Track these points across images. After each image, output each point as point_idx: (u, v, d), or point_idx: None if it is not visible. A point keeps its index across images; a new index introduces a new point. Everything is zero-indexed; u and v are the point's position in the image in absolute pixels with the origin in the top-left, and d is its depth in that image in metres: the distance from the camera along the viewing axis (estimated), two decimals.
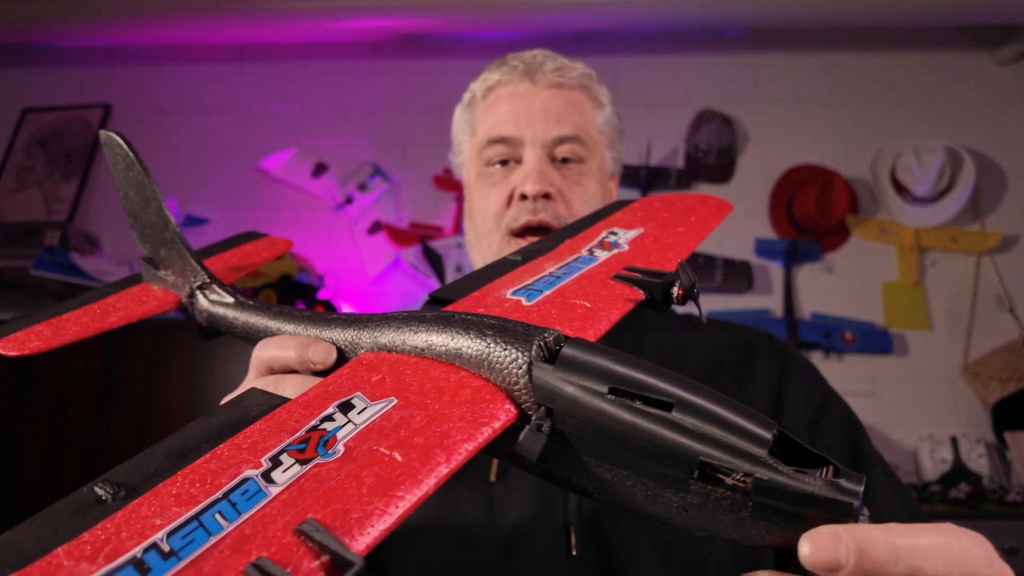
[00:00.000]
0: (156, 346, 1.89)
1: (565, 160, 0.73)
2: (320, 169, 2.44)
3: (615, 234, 0.55)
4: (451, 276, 2.29)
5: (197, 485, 0.30)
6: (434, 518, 0.62)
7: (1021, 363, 2.12)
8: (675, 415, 0.30)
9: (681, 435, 0.30)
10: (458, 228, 2.37)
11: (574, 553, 0.58)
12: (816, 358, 2.23)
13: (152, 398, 1.83)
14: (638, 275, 0.46)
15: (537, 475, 0.36)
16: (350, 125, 2.52)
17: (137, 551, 0.26)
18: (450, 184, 2.43)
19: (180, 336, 1.93)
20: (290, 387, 0.41)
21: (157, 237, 0.57)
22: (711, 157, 2.40)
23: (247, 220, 2.41)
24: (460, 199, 2.41)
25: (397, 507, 0.28)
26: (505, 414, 0.34)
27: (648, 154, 2.41)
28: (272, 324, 0.50)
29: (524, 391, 0.34)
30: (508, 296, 0.45)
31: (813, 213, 2.30)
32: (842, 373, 2.21)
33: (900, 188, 2.33)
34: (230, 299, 0.55)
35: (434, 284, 2.30)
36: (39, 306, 2.12)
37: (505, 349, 0.35)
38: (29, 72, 2.67)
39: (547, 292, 0.45)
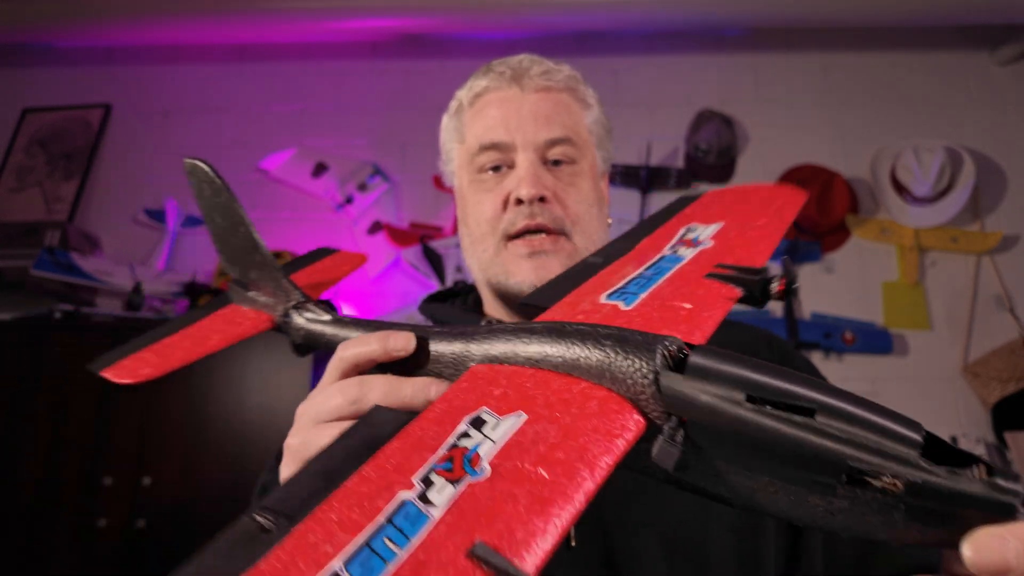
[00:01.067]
0: None
1: (557, 162, 0.73)
2: (320, 169, 2.44)
3: (694, 230, 0.54)
4: (451, 276, 2.29)
5: (356, 509, 0.29)
6: None
7: (1021, 363, 2.13)
8: (820, 420, 0.30)
9: (828, 440, 0.29)
10: (458, 229, 2.37)
11: (573, 544, 0.59)
12: (816, 358, 2.23)
13: (152, 398, 1.83)
14: (733, 272, 0.45)
15: (665, 482, 0.36)
16: (350, 125, 2.52)
17: None
18: None
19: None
20: (377, 386, 0.42)
21: (247, 259, 0.58)
22: (711, 157, 2.40)
23: None
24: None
25: (555, 525, 0.28)
26: (636, 425, 0.33)
27: (648, 154, 2.41)
28: None
29: (651, 400, 0.34)
30: (603, 301, 0.44)
31: (813, 213, 2.31)
32: (842, 373, 2.21)
33: (900, 188, 2.33)
34: (327, 316, 0.55)
35: (434, 284, 2.30)
36: (39, 306, 2.10)
37: (627, 359, 0.34)
38: (29, 72, 2.67)
39: (643, 295, 0.44)
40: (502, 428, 0.33)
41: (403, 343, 0.44)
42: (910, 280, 2.31)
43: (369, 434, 0.35)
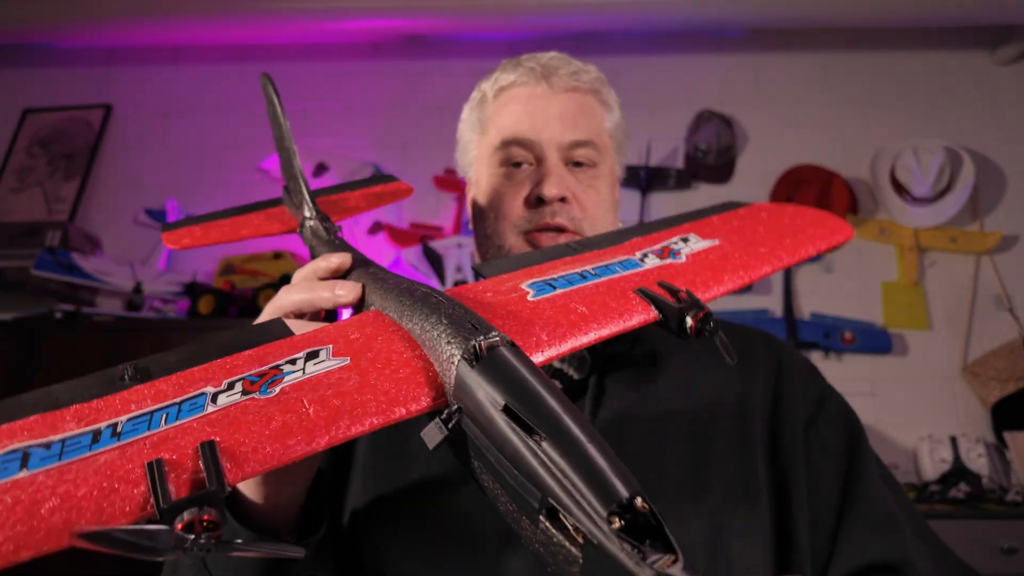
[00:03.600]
0: (156, 346, 1.89)
1: (578, 164, 0.73)
2: (321, 169, 2.44)
3: (686, 241, 0.54)
4: (451, 276, 2.29)
5: (176, 387, 0.36)
6: (429, 505, 0.63)
7: (1021, 363, 2.13)
8: (544, 447, 0.30)
9: (539, 466, 0.30)
10: (458, 228, 2.37)
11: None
12: (816, 358, 2.23)
13: None
14: (663, 293, 0.45)
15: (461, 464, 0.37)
16: (350, 125, 2.52)
17: (103, 425, 0.33)
18: (450, 184, 2.44)
19: (180, 336, 1.94)
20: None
21: (289, 169, 0.69)
22: (711, 157, 2.41)
23: None
24: (460, 198, 2.41)
25: (284, 454, 0.32)
26: (424, 401, 0.35)
27: (648, 154, 2.41)
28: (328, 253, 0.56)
29: (451, 385, 0.36)
30: (522, 287, 0.46)
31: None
32: (841, 373, 2.21)
33: (899, 188, 2.33)
34: (324, 236, 0.63)
35: (434, 284, 2.30)
36: (40, 306, 2.10)
37: (449, 341, 0.36)
38: (30, 72, 2.67)
39: (559, 291, 0.45)
40: (322, 366, 0.37)
41: (353, 297, 0.49)
42: (909, 280, 2.31)
43: (249, 338, 0.41)
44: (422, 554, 0.61)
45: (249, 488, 0.50)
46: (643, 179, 2.39)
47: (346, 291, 0.49)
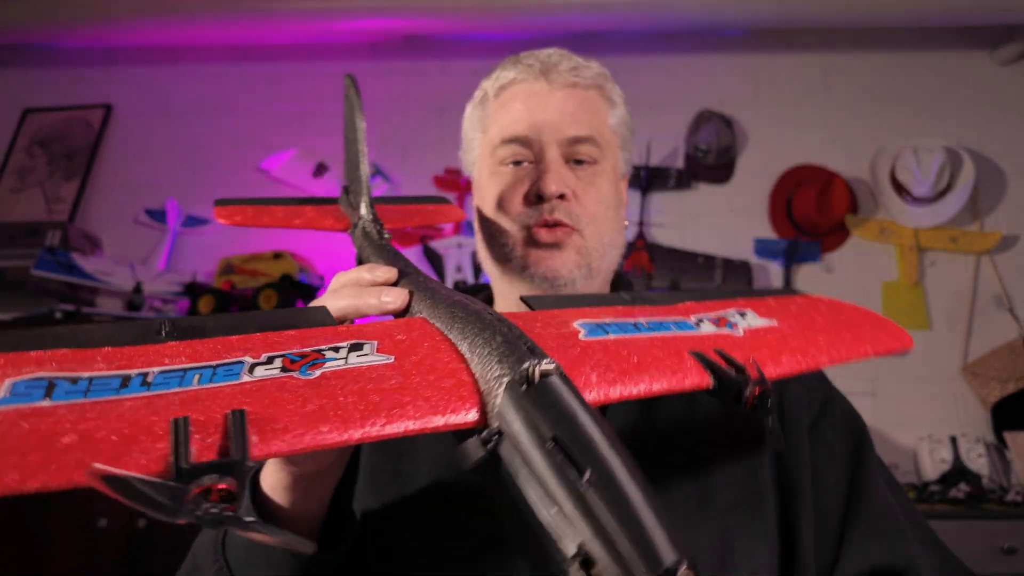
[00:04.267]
0: None
1: (579, 161, 0.73)
2: (321, 169, 2.44)
3: (743, 316, 0.51)
4: (451, 276, 2.29)
5: (213, 351, 0.35)
6: (436, 507, 0.63)
7: (1021, 363, 2.13)
8: (589, 490, 0.28)
9: (581, 512, 0.27)
10: (458, 228, 2.37)
11: None
12: None
13: None
14: (720, 362, 0.42)
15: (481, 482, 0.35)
16: None
17: (133, 372, 0.32)
18: (450, 184, 2.44)
19: None
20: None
21: (352, 171, 0.69)
22: (711, 157, 2.41)
23: None
24: (460, 198, 2.41)
25: (312, 439, 0.30)
26: (465, 415, 0.34)
27: (648, 154, 2.41)
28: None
29: (495, 405, 0.34)
30: (574, 325, 0.43)
31: (813, 213, 2.31)
32: (842, 373, 2.18)
33: (899, 188, 2.33)
34: (376, 239, 0.62)
35: None
36: (40, 306, 2.10)
37: (501, 360, 0.34)
38: (30, 72, 2.67)
39: (612, 336, 0.43)
40: (365, 359, 0.36)
41: (400, 303, 0.48)
42: (910, 280, 2.31)
43: (291, 320, 0.41)
44: (427, 557, 0.61)
45: (277, 493, 0.50)
46: (643, 179, 2.39)
47: (393, 297, 0.47)
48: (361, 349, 0.37)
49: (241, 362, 0.34)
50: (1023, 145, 2.43)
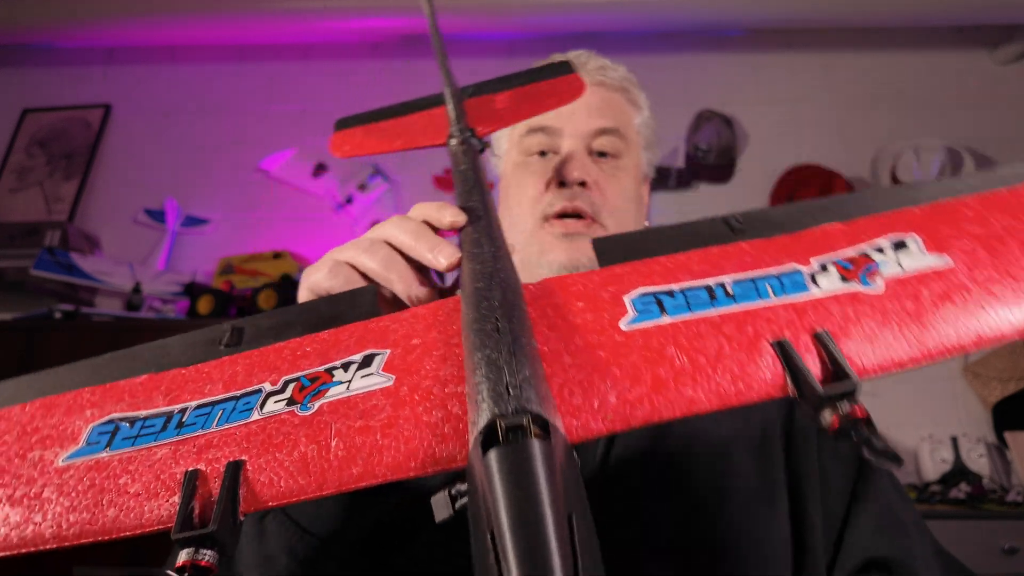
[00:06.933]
0: None
1: (602, 154, 0.73)
2: (320, 169, 2.44)
3: (899, 249, 0.34)
4: (451, 275, 2.28)
5: (247, 371, 0.36)
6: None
7: (1021, 363, 2.12)
8: None
9: None
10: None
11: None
12: None
13: None
14: (815, 353, 0.30)
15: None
16: None
17: (175, 410, 0.34)
18: (450, 184, 2.43)
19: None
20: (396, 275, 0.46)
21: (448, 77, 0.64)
22: (711, 157, 2.41)
23: (247, 220, 2.41)
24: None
25: (291, 494, 0.30)
26: (440, 464, 0.29)
27: None
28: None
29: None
30: (625, 300, 0.33)
31: None
32: None
33: None
34: (460, 162, 0.55)
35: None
36: (39, 306, 2.09)
37: (482, 399, 0.27)
38: (29, 72, 2.67)
39: (667, 319, 0.32)
40: (367, 382, 0.33)
41: (454, 261, 0.45)
42: None
43: (335, 311, 0.39)
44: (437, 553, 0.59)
45: None
46: None
47: (444, 257, 0.44)
48: (370, 365, 0.34)
49: (259, 391, 0.35)
50: (1023, 145, 2.43)
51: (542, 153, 0.73)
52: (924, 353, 0.30)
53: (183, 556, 0.28)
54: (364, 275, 0.46)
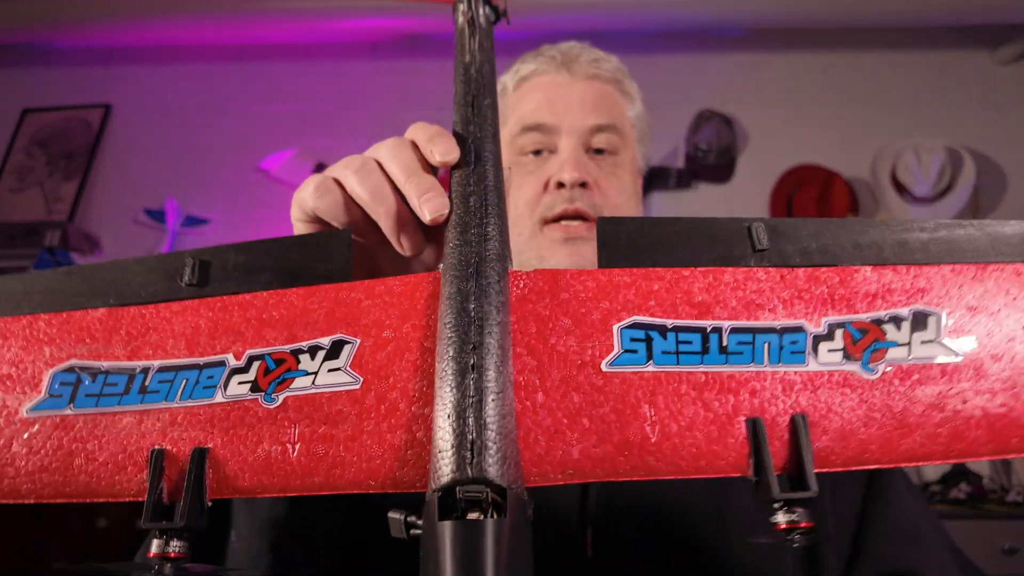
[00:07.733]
0: None
1: (600, 151, 0.71)
2: (320, 169, 2.44)
3: (907, 328, 0.31)
4: None
5: (211, 329, 0.35)
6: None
7: None
8: None
9: None
10: None
11: (590, 553, 0.57)
12: None
13: None
14: (784, 443, 0.29)
15: None
16: (350, 125, 2.52)
17: (138, 368, 0.34)
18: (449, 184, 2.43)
19: None
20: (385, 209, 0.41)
21: None
22: (711, 157, 2.40)
23: (247, 220, 2.41)
24: None
25: (256, 489, 0.31)
26: (401, 487, 0.29)
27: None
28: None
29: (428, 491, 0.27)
30: (614, 328, 0.31)
31: (813, 213, 2.30)
32: None
33: (900, 188, 2.33)
34: (463, 35, 0.52)
35: None
36: None
37: (440, 454, 0.26)
38: (29, 72, 2.66)
39: (650, 368, 0.30)
40: (332, 378, 0.32)
41: (429, 219, 0.38)
42: None
43: (308, 260, 0.36)
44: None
45: None
46: (643, 178, 2.39)
47: (429, 210, 0.37)
48: (338, 357, 0.32)
49: (223, 364, 0.34)
50: (1023, 145, 2.42)
51: (537, 152, 0.71)
52: (890, 458, 0.29)
53: (154, 548, 0.29)
54: (352, 200, 0.42)
